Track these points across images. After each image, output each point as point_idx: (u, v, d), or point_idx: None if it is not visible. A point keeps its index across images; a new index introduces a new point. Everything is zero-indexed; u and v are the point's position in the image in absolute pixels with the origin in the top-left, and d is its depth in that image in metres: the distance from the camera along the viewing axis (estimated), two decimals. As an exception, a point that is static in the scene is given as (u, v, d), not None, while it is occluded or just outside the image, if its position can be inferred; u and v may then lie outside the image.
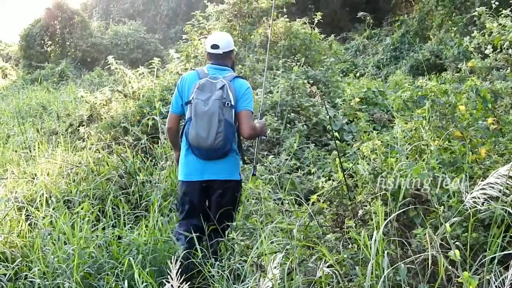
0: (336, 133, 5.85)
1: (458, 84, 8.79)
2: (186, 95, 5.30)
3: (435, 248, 3.18)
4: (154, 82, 10.86)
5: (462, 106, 4.75)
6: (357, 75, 17.41)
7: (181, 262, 3.55)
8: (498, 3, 9.61)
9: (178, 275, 2.98)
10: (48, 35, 31.85)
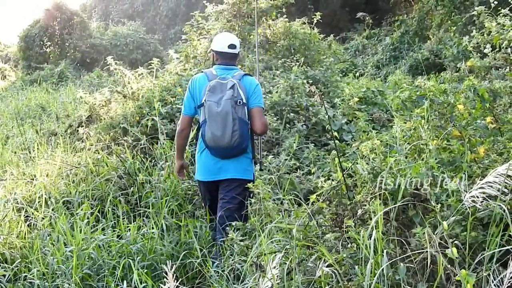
0: (336, 133, 5.84)
1: (457, 84, 8.80)
2: (198, 98, 5.42)
3: (434, 247, 3.19)
4: (154, 83, 10.85)
5: (461, 105, 4.75)
6: (356, 75, 17.41)
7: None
8: (497, 2, 9.59)
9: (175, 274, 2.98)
10: (48, 36, 31.79)
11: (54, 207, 6.34)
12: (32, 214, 6.16)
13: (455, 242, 3.25)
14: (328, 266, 3.49)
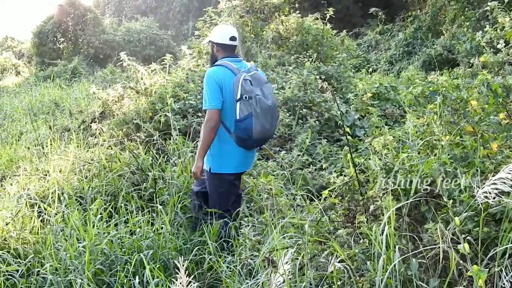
0: (348, 128, 5.85)
1: (470, 79, 8.76)
2: (228, 92, 5.36)
3: (447, 243, 3.18)
4: (166, 79, 10.85)
5: (474, 101, 4.73)
6: (369, 70, 17.35)
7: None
8: (510, -3, 9.57)
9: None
10: (61, 32, 31.84)
11: (67, 202, 6.36)
12: (45, 209, 6.18)
13: (467, 237, 3.24)
14: (340, 262, 3.49)
